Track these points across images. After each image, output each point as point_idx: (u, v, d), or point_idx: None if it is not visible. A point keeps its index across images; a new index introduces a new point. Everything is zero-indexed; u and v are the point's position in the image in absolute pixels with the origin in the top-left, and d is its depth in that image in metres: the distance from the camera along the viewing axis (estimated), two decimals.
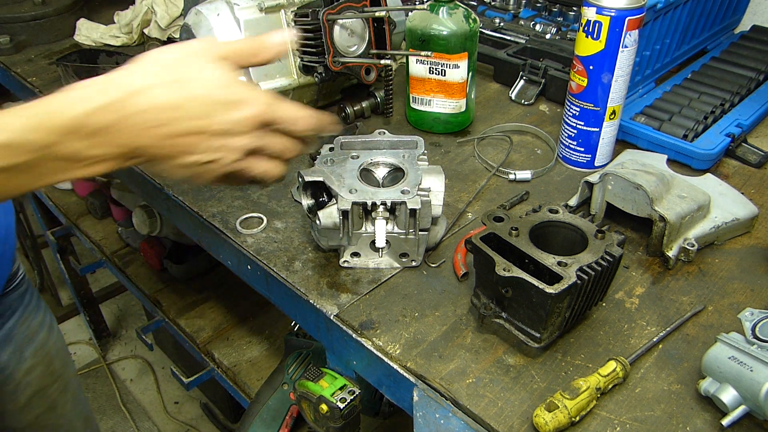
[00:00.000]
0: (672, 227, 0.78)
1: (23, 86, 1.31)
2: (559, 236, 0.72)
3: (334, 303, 0.75)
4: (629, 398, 0.64)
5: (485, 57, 1.24)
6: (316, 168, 0.78)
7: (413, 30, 1.00)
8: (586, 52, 0.89)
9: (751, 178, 0.96)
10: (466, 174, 0.98)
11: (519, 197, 0.92)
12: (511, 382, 0.66)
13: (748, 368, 0.58)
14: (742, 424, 0.60)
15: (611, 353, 0.68)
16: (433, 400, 0.65)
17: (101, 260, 1.90)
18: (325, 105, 1.16)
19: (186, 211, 0.93)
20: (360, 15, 0.98)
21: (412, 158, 0.80)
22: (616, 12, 0.84)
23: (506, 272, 0.64)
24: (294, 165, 1.01)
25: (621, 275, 0.79)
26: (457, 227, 0.88)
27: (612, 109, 0.92)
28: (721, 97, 1.08)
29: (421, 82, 1.03)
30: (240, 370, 1.48)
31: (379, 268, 0.80)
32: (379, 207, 0.74)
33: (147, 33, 1.39)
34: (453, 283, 0.78)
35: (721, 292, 0.76)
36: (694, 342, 0.70)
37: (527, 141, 1.07)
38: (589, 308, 0.71)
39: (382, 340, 0.71)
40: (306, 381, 0.81)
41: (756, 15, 1.36)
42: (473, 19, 0.99)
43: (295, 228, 0.88)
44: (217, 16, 1.00)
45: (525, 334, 0.67)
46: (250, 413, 1.22)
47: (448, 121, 1.07)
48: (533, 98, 1.16)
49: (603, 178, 0.84)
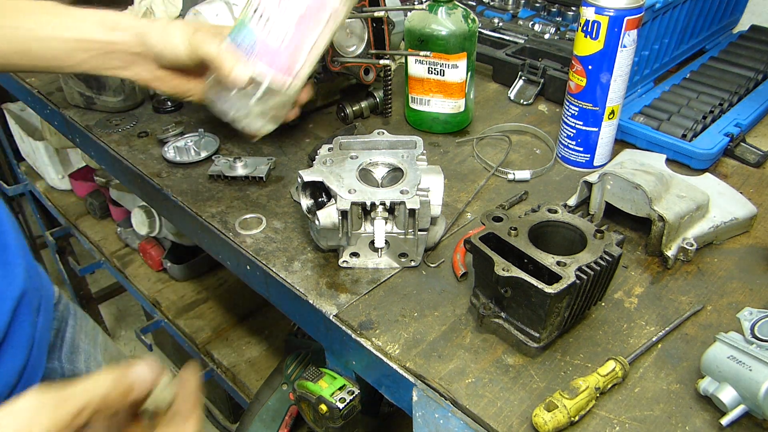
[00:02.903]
0: (671, 227, 0.78)
1: (22, 87, 1.31)
2: (558, 236, 0.72)
3: (333, 303, 0.75)
4: (628, 398, 0.64)
5: (484, 57, 1.24)
6: (315, 168, 0.78)
7: (412, 30, 1.00)
8: (584, 52, 0.89)
9: (749, 178, 0.96)
10: (465, 174, 0.98)
11: (518, 197, 0.92)
12: (510, 381, 0.66)
13: (747, 368, 0.58)
14: (741, 424, 0.60)
15: (610, 353, 0.68)
16: (432, 400, 0.65)
17: (100, 261, 1.90)
18: (324, 105, 1.16)
19: (185, 212, 0.93)
20: (359, 15, 0.98)
21: (411, 158, 0.80)
22: (615, 12, 0.84)
23: (505, 272, 0.64)
24: (294, 165, 1.01)
25: (620, 275, 0.79)
26: (456, 227, 0.88)
27: (611, 108, 0.92)
28: (720, 96, 1.08)
29: (420, 82, 1.03)
30: (239, 371, 1.48)
31: (379, 268, 0.80)
32: (378, 207, 0.74)
33: None
34: (452, 283, 0.78)
35: (720, 292, 0.76)
36: (693, 341, 0.70)
37: (526, 141, 1.07)
38: (588, 308, 0.72)
39: (381, 340, 0.71)
40: (305, 381, 0.81)
41: (755, 15, 1.36)
42: (472, 19, 0.99)
43: (295, 228, 0.88)
44: (215, 16, 1.00)
45: (524, 334, 0.67)
46: (249, 413, 1.22)
47: (447, 121, 1.07)
48: (532, 98, 1.16)
49: (602, 177, 0.84)
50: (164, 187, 0.97)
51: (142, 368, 0.49)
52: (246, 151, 1.04)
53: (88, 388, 0.45)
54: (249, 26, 0.75)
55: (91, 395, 0.45)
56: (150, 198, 1.04)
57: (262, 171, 0.97)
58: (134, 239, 1.80)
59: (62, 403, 0.43)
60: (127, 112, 1.17)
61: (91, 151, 1.16)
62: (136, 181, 1.04)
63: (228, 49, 0.75)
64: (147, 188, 1.01)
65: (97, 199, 1.93)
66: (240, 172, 0.97)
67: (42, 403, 0.43)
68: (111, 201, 1.87)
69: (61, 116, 1.20)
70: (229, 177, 0.97)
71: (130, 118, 1.15)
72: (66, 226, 2.01)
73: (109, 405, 0.46)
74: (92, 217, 1.97)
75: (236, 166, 0.97)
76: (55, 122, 1.26)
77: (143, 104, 1.19)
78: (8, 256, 0.74)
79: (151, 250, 1.72)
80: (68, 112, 1.18)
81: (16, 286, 0.73)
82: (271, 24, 0.74)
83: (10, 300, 0.71)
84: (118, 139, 1.09)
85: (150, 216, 1.64)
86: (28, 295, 0.75)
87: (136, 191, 1.09)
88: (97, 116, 1.15)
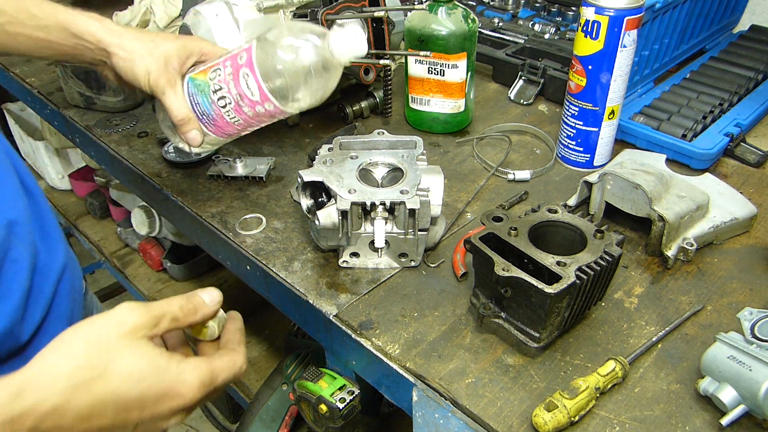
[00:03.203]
0: (671, 227, 0.78)
1: (22, 87, 1.31)
2: (558, 236, 0.72)
3: (333, 303, 0.75)
4: (628, 398, 0.64)
5: (484, 57, 1.24)
6: (315, 168, 0.78)
7: (412, 30, 1.00)
8: (584, 52, 0.89)
9: (749, 178, 0.96)
10: (465, 174, 0.98)
11: (518, 197, 0.92)
12: (510, 381, 0.66)
13: (747, 368, 0.58)
14: (741, 424, 0.60)
15: (610, 353, 0.68)
16: (432, 400, 0.65)
17: (100, 261, 1.90)
18: (324, 105, 1.15)
19: (185, 212, 0.93)
20: (359, 15, 0.98)
21: (411, 158, 0.80)
22: (615, 12, 0.84)
23: (505, 272, 0.64)
24: (294, 165, 1.01)
25: (620, 275, 0.79)
26: (456, 227, 0.88)
27: (611, 108, 0.92)
28: (720, 96, 1.08)
29: (420, 82, 1.03)
30: None
31: (379, 268, 0.80)
32: (378, 207, 0.74)
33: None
34: (452, 283, 0.78)
35: (720, 292, 0.76)
36: (693, 341, 0.70)
37: (526, 141, 1.07)
38: (588, 308, 0.72)
39: (381, 340, 0.71)
40: (305, 381, 0.81)
41: (755, 15, 1.36)
42: (472, 19, 0.99)
43: (295, 228, 0.88)
44: (215, 16, 1.00)
45: (524, 334, 0.67)
46: (249, 413, 1.22)
47: (447, 121, 1.07)
48: (532, 98, 1.16)
49: (602, 177, 0.84)
50: (164, 187, 0.97)
51: (206, 295, 0.58)
52: (246, 151, 1.04)
53: (164, 304, 0.55)
54: (208, 98, 0.79)
55: (167, 309, 0.55)
56: (150, 198, 1.04)
57: (262, 171, 0.97)
58: (134, 239, 1.80)
59: (147, 311, 0.53)
60: (127, 112, 1.17)
61: (91, 151, 1.16)
62: (136, 181, 1.04)
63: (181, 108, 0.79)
64: (147, 188, 1.01)
65: (97, 199, 1.93)
66: (240, 172, 0.97)
67: (132, 309, 0.52)
68: (111, 201, 1.87)
69: (61, 116, 1.20)
70: (229, 177, 0.97)
71: (130, 118, 1.15)
72: (66, 226, 2.01)
73: (180, 321, 0.55)
74: (92, 217, 1.97)
75: (236, 166, 0.97)
76: (55, 122, 1.26)
77: (143, 104, 1.19)
78: (50, 231, 0.76)
79: (151, 250, 1.72)
80: (68, 112, 1.18)
81: (59, 260, 0.75)
82: (226, 110, 0.79)
83: (54, 272, 0.73)
84: (118, 139, 1.09)
85: (150, 216, 1.64)
86: (68, 272, 0.77)
87: (136, 191, 1.09)
88: (97, 116, 1.15)
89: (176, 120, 0.79)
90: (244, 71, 0.76)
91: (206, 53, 0.83)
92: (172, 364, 0.52)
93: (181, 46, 0.81)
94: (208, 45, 0.84)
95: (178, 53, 0.80)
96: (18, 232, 0.68)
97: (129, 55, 0.79)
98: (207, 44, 0.84)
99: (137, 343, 0.51)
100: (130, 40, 0.80)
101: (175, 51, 0.80)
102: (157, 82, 0.78)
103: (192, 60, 0.82)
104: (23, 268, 0.67)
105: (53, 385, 0.47)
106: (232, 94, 0.78)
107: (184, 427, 2.13)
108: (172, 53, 0.80)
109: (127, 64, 0.79)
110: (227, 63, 0.78)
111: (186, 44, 0.82)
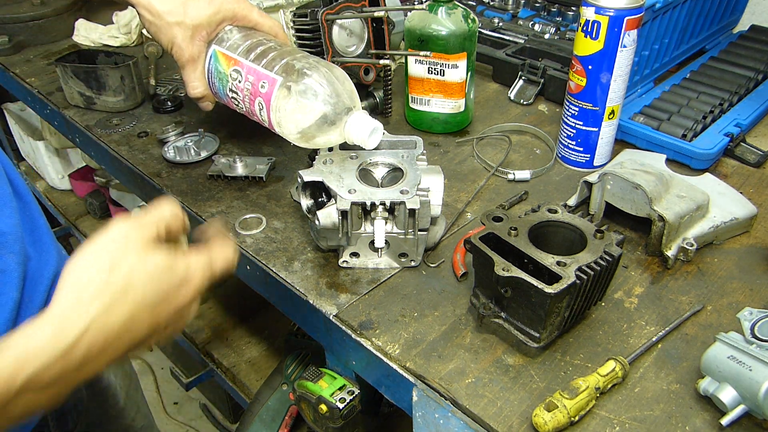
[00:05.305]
0: (671, 227, 0.78)
1: (22, 87, 1.31)
2: (558, 236, 0.72)
3: (333, 303, 0.75)
4: (628, 398, 0.64)
5: (484, 57, 1.24)
6: (315, 168, 0.78)
7: (412, 30, 1.00)
8: (584, 52, 0.89)
9: (749, 178, 0.96)
10: (465, 174, 0.98)
11: (518, 197, 0.92)
12: (510, 381, 0.66)
13: (747, 367, 0.58)
14: (741, 424, 0.60)
15: (610, 353, 0.68)
16: (432, 400, 0.65)
17: None
18: None
19: (185, 212, 0.93)
20: (359, 15, 0.98)
21: (411, 158, 0.80)
22: (615, 12, 0.84)
23: (505, 272, 0.64)
24: (294, 165, 1.01)
25: (620, 275, 0.79)
26: (456, 227, 0.88)
27: (611, 108, 0.92)
28: (720, 96, 1.08)
29: (420, 82, 1.03)
30: (239, 371, 1.48)
31: (379, 268, 0.80)
32: (378, 207, 0.74)
33: (146, 33, 1.39)
34: (452, 283, 0.78)
35: (720, 292, 0.76)
36: (693, 341, 0.70)
37: (526, 141, 1.07)
38: (588, 308, 0.72)
39: (381, 340, 0.71)
40: (305, 381, 0.81)
41: (755, 15, 1.36)
42: (472, 19, 0.99)
43: (294, 228, 0.88)
44: None
45: (524, 334, 0.67)
46: (249, 413, 1.22)
47: (447, 121, 1.07)
48: (532, 98, 1.16)
49: (602, 177, 0.84)
50: (164, 187, 0.97)
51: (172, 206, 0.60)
52: (246, 151, 1.04)
53: (154, 212, 0.57)
54: (225, 88, 0.86)
55: (160, 215, 0.57)
56: (150, 198, 1.04)
57: (262, 171, 0.97)
58: None
59: (142, 223, 0.55)
60: (127, 112, 1.17)
61: (91, 151, 1.16)
62: (136, 181, 1.04)
63: (197, 87, 0.86)
64: (147, 188, 1.01)
65: (97, 199, 1.93)
66: (240, 172, 0.97)
67: (129, 226, 0.54)
68: (111, 201, 1.87)
69: (61, 116, 1.20)
70: (229, 177, 0.97)
71: (130, 118, 1.15)
72: (66, 225, 2.01)
73: (172, 224, 0.58)
74: (92, 217, 1.97)
75: (236, 166, 0.97)
76: (55, 122, 1.26)
77: (143, 104, 1.19)
78: (42, 236, 0.75)
79: None
80: (68, 112, 1.18)
81: (51, 266, 0.74)
82: (237, 106, 0.87)
83: (46, 279, 0.72)
84: (118, 139, 1.09)
85: None
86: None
87: (136, 191, 1.09)
88: (97, 116, 1.15)
89: (191, 95, 0.81)
90: (259, 101, 0.78)
91: (239, 18, 0.81)
92: (179, 257, 0.56)
93: (214, 12, 0.79)
94: (241, 8, 0.82)
95: (209, 21, 0.79)
96: (6, 242, 0.66)
97: (155, 19, 0.78)
98: (240, 7, 0.82)
99: (144, 249, 0.54)
100: (159, 1, 0.78)
101: (206, 19, 0.78)
102: (179, 55, 0.79)
103: (224, 26, 0.80)
104: (13, 278, 0.66)
105: (88, 311, 0.50)
106: (244, 104, 0.82)
107: (184, 427, 2.13)
108: (202, 22, 0.78)
109: (152, 27, 0.79)
110: (249, 76, 0.80)
111: (220, 9, 0.80)
